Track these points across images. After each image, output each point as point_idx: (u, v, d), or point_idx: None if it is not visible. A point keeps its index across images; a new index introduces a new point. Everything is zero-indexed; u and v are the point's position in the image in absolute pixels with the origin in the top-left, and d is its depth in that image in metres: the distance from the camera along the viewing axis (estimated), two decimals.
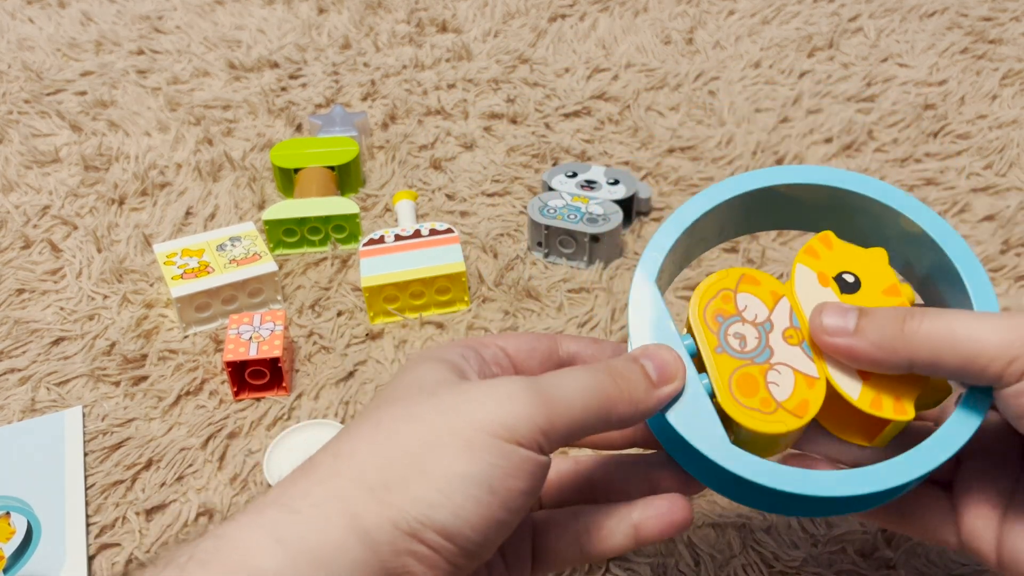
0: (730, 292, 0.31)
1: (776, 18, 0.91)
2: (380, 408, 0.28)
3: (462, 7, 0.95)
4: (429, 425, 0.27)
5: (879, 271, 0.31)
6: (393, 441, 0.27)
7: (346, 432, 0.28)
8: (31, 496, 0.47)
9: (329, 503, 0.26)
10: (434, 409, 0.27)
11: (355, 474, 0.26)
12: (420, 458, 0.26)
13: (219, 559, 0.25)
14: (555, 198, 0.63)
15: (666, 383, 0.29)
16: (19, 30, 0.93)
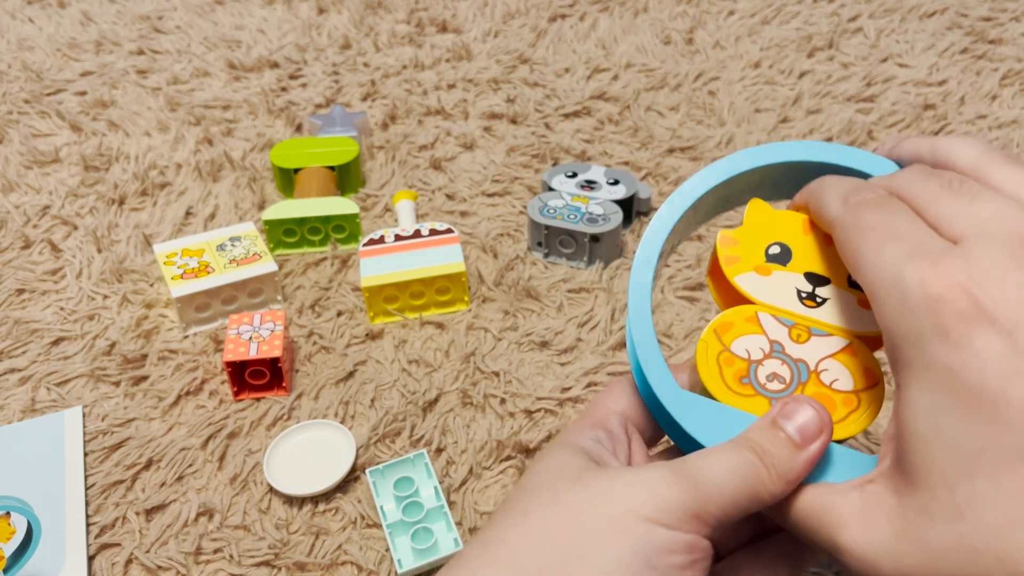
0: (725, 352, 0.30)
1: (776, 18, 0.91)
2: (524, 496, 0.28)
3: (462, 7, 0.95)
4: (579, 511, 0.26)
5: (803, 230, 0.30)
6: (544, 528, 0.26)
7: (491, 523, 0.28)
8: (31, 496, 0.47)
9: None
10: (583, 496, 0.26)
11: (508, 564, 0.26)
12: (575, 543, 0.25)
13: None
14: (555, 198, 0.63)
15: (811, 442, 0.26)
16: (19, 30, 0.93)
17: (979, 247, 0.23)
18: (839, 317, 0.30)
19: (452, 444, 0.50)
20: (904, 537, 0.23)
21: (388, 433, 0.50)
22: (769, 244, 0.31)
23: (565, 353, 0.55)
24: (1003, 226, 0.23)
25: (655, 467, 0.27)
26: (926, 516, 0.22)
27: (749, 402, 0.29)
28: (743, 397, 0.29)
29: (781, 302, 0.30)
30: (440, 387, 0.53)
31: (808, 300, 0.30)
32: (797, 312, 0.30)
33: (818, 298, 0.30)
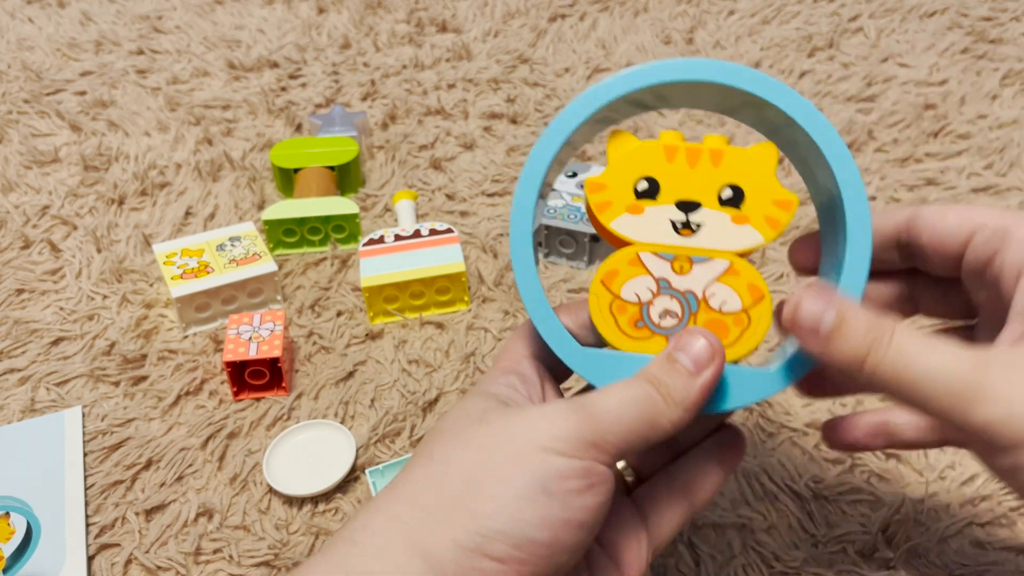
0: (616, 300, 0.31)
1: (776, 18, 0.91)
2: (431, 442, 0.29)
3: (462, 7, 0.95)
4: (479, 447, 0.27)
5: (763, 175, 0.30)
6: (446, 466, 0.27)
7: (402, 469, 0.29)
8: (31, 496, 0.47)
9: (389, 530, 0.26)
10: (484, 433, 0.28)
11: (411, 501, 0.27)
12: (474, 477, 0.27)
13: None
14: (555, 198, 0.63)
15: (704, 368, 0.28)
16: (19, 30, 0.93)
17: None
18: (716, 239, 0.30)
19: None
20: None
21: (388, 433, 0.50)
22: (636, 180, 0.30)
23: None
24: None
25: (556, 403, 0.28)
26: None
27: (648, 344, 0.30)
28: (641, 340, 0.30)
29: (658, 237, 0.30)
30: (440, 387, 0.53)
31: (684, 229, 0.30)
32: (675, 244, 0.30)
33: (693, 225, 0.30)
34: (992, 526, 0.44)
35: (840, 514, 0.45)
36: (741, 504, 0.45)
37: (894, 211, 0.32)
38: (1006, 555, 0.43)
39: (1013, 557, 0.42)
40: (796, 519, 0.45)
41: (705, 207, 0.30)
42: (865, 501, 0.45)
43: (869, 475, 0.47)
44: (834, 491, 0.46)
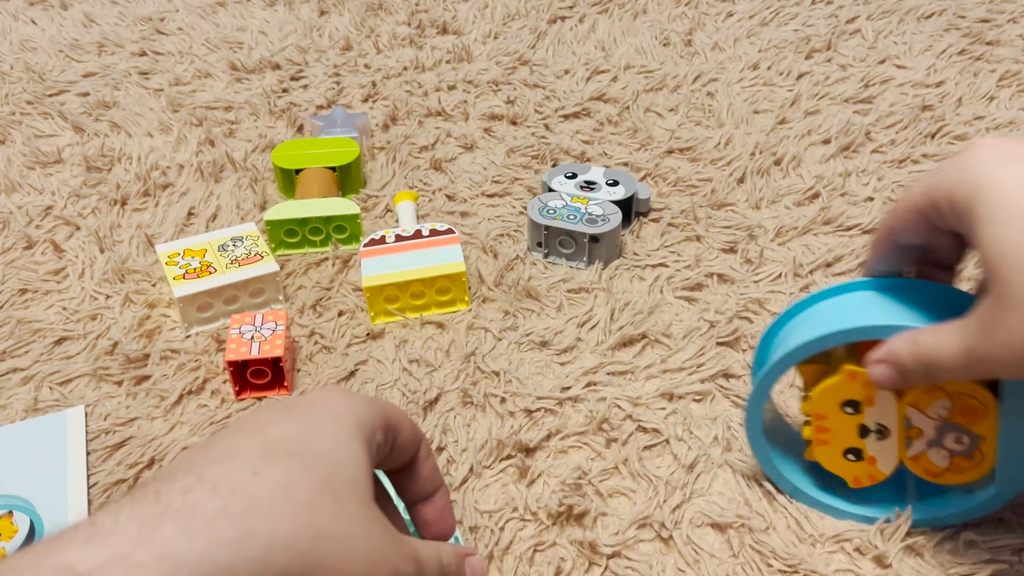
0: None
1: (774, 20, 0.91)
2: (320, 491, 0.29)
3: (462, 9, 0.95)
4: (349, 567, 0.29)
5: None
6: (321, 558, 0.28)
7: (282, 495, 0.28)
8: (34, 495, 0.47)
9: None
10: (360, 549, 0.29)
11: (280, 570, 0.27)
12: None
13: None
14: (555, 199, 0.63)
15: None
16: (21, 31, 0.94)
17: None
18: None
19: (452, 443, 0.50)
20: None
21: None
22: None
23: (565, 353, 0.55)
24: None
25: (403, 559, 0.31)
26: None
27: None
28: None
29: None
30: (440, 386, 0.53)
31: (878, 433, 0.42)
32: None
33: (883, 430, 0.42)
34: (987, 525, 0.44)
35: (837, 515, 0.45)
36: (740, 504, 0.46)
37: (876, 237, 0.40)
38: (1001, 554, 0.43)
39: (1007, 556, 0.43)
40: (794, 519, 0.45)
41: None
42: None
43: None
44: None
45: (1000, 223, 0.32)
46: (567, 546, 0.44)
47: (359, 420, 0.32)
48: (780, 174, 0.70)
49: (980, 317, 0.33)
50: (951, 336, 0.35)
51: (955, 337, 0.34)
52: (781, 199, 0.67)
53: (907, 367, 0.37)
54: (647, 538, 0.45)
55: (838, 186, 0.68)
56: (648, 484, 0.47)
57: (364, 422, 0.32)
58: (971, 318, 0.34)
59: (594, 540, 0.44)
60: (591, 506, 0.45)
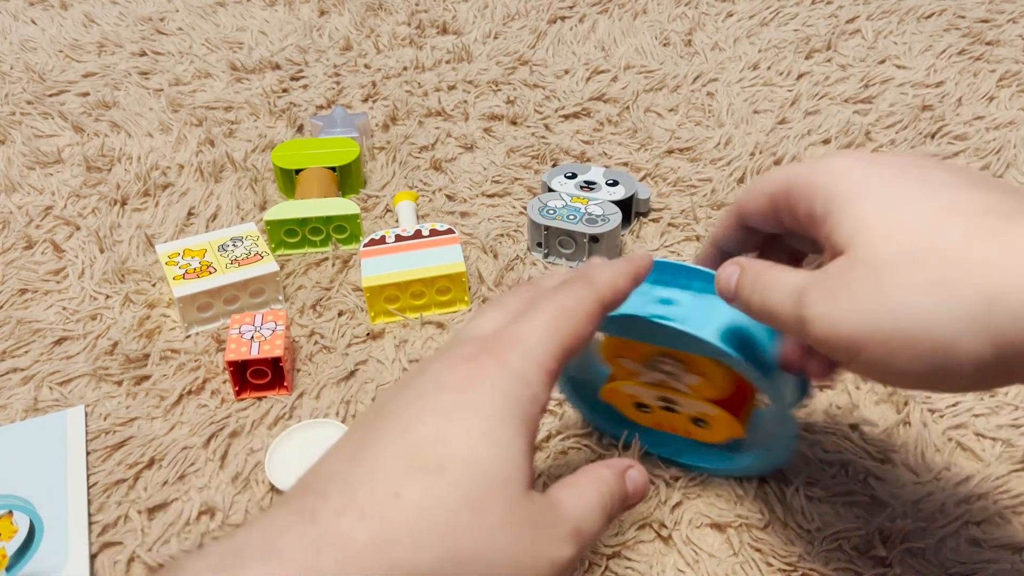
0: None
1: (774, 20, 0.91)
2: (460, 509, 0.29)
3: (462, 9, 0.95)
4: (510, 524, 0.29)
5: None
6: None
7: (423, 520, 0.28)
8: (33, 495, 0.47)
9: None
10: (504, 561, 0.29)
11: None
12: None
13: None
14: (555, 199, 0.63)
15: (639, 500, 0.36)
16: (21, 31, 0.94)
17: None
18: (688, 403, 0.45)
19: None
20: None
21: None
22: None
23: None
24: None
25: (559, 545, 0.30)
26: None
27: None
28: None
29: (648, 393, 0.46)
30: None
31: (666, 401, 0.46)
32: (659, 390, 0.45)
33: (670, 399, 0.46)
34: (987, 524, 0.44)
35: (836, 514, 0.45)
36: (740, 504, 0.46)
37: (726, 209, 0.39)
38: (1002, 553, 0.43)
39: (1008, 555, 0.43)
40: (793, 518, 0.45)
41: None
42: (861, 502, 0.46)
43: (865, 475, 0.47)
44: (830, 492, 0.46)
45: (863, 195, 0.32)
46: None
47: (515, 399, 0.30)
48: None
49: (826, 278, 0.32)
50: (792, 275, 0.33)
51: (795, 277, 0.33)
52: None
53: (745, 285, 0.35)
54: (647, 538, 0.45)
55: None
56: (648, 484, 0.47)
57: (521, 398, 0.31)
58: (817, 271, 0.32)
59: None
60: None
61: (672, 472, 0.47)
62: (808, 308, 0.31)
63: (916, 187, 0.31)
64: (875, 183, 0.32)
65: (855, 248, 0.31)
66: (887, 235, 0.30)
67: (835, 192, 0.32)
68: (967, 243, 0.29)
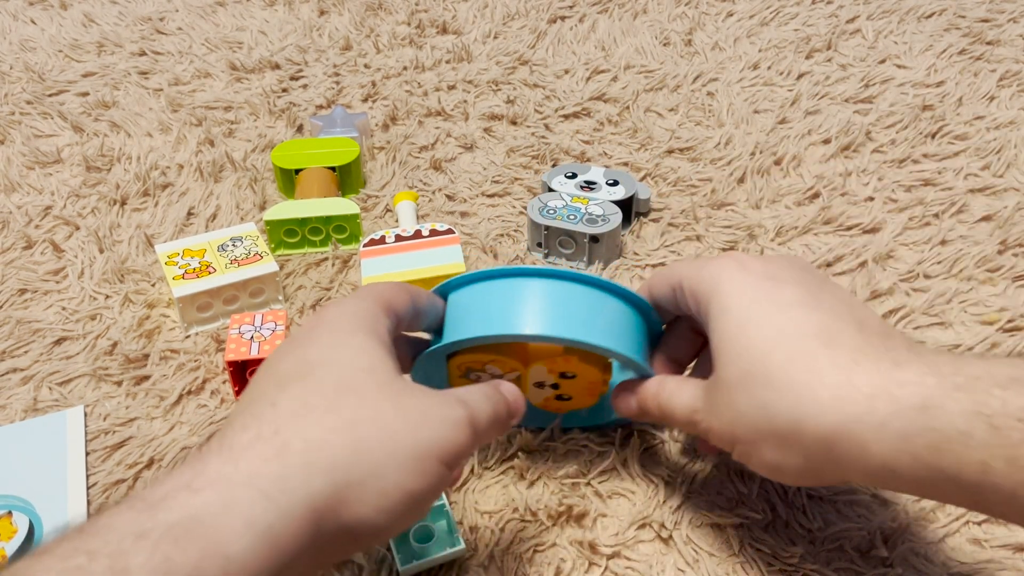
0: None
1: (774, 20, 0.91)
2: (337, 393, 0.32)
3: (462, 9, 0.95)
4: (392, 437, 0.31)
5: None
6: (360, 443, 0.31)
7: (304, 411, 0.31)
8: (33, 495, 0.47)
9: (299, 494, 0.29)
10: (397, 419, 0.32)
11: (326, 468, 0.30)
12: (382, 470, 0.31)
13: (194, 540, 0.26)
14: (555, 199, 0.63)
15: (520, 411, 0.40)
16: (21, 31, 0.94)
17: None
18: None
19: None
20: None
21: None
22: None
23: None
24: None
25: (453, 406, 0.34)
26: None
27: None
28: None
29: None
30: None
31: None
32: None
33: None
34: (989, 524, 0.44)
35: (837, 514, 0.45)
36: (740, 504, 0.46)
37: (667, 273, 0.42)
38: (1003, 553, 0.43)
39: (1010, 555, 0.43)
40: (794, 518, 0.45)
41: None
42: (862, 502, 0.46)
43: None
44: (831, 491, 0.46)
45: (726, 315, 0.36)
46: (567, 546, 0.44)
47: (356, 316, 0.35)
48: (780, 174, 0.70)
49: (708, 389, 0.38)
50: (686, 394, 0.40)
51: (688, 396, 0.39)
52: (781, 199, 0.67)
53: (649, 407, 0.42)
54: (647, 538, 0.45)
55: (838, 186, 0.68)
56: (648, 484, 0.47)
57: (361, 316, 0.35)
58: (702, 386, 0.39)
59: (594, 540, 0.44)
60: (591, 507, 0.45)
61: (672, 472, 0.47)
62: (698, 421, 0.39)
63: (763, 307, 0.36)
64: (736, 301, 0.37)
65: (719, 367, 0.37)
66: (735, 358, 0.35)
67: (710, 305, 0.38)
68: (786, 369, 0.34)
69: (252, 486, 0.28)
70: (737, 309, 0.36)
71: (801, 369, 0.33)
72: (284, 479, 0.29)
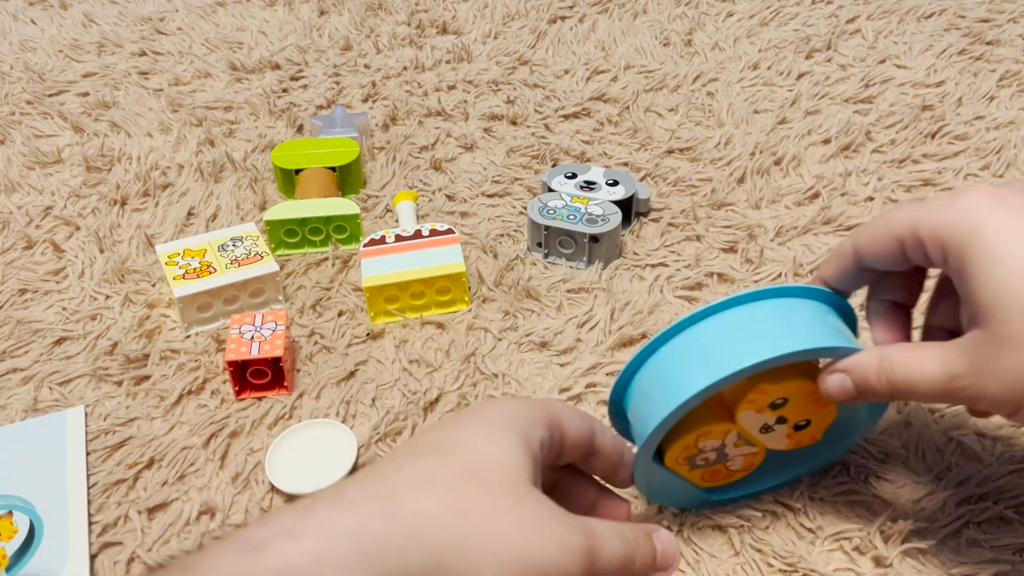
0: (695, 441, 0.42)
1: (774, 20, 0.91)
2: (463, 476, 0.31)
3: (462, 9, 0.95)
4: (500, 537, 0.29)
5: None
6: (469, 531, 0.29)
7: (425, 483, 0.30)
8: (33, 495, 0.47)
9: (394, 561, 0.28)
10: (514, 524, 0.30)
11: (428, 546, 0.29)
12: (481, 566, 0.29)
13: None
14: (555, 199, 0.63)
15: (667, 568, 0.35)
16: (21, 31, 0.94)
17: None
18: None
19: None
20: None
21: (389, 432, 0.51)
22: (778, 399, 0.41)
23: (564, 353, 0.55)
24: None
25: (569, 529, 0.31)
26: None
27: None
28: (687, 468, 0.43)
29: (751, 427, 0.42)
30: (441, 387, 0.53)
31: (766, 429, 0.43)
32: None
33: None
34: (988, 524, 0.44)
35: (837, 514, 0.45)
36: (740, 504, 0.46)
37: (839, 250, 0.39)
38: (1002, 553, 0.43)
39: (1010, 555, 0.43)
40: (795, 518, 0.45)
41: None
42: (862, 502, 0.46)
43: (866, 475, 0.47)
44: (831, 492, 0.46)
45: (998, 263, 0.33)
46: None
47: (513, 416, 0.33)
48: (780, 174, 0.70)
49: (970, 349, 0.34)
50: (932, 360, 0.35)
51: (936, 362, 0.35)
52: (781, 199, 0.67)
53: (871, 383, 0.37)
54: None
55: (838, 186, 0.68)
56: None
57: (519, 418, 0.33)
58: (958, 348, 0.35)
59: None
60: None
61: None
62: (962, 388, 0.34)
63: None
64: (1010, 245, 0.33)
65: (994, 324, 0.33)
66: (1021, 314, 0.32)
67: (969, 253, 0.33)
68: None
69: (352, 540, 0.28)
70: (1012, 256, 0.32)
71: None
72: (385, 540, 0.28)
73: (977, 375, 0.34)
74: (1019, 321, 0.32)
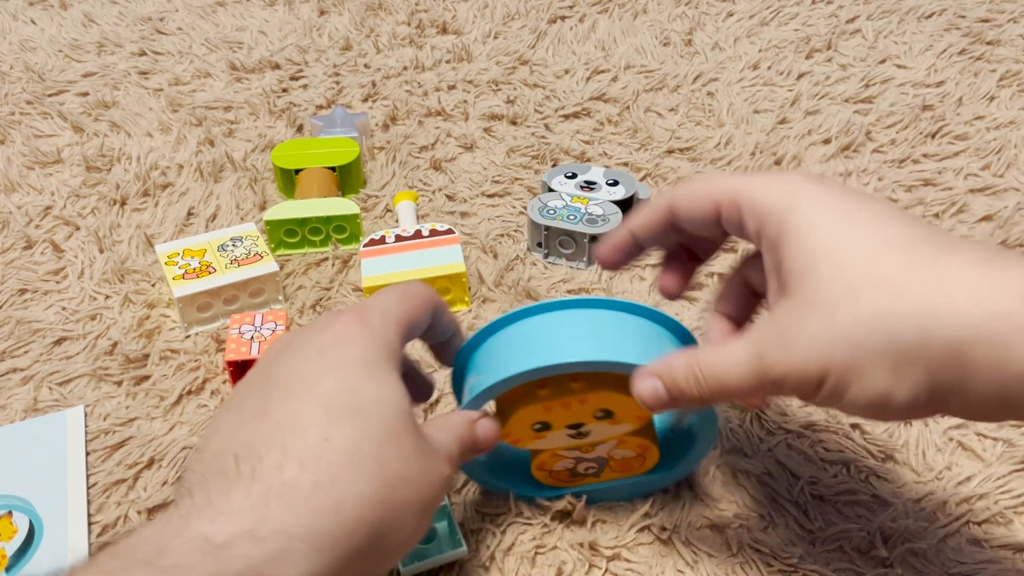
0: (554, 471, 0.45)
1: (774, 20, 0.91)
2: (386, 442, 0.33)
3: (462, 9, 0.95)
4: (415, 498, 0.33)
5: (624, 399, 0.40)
6: (397, 501, 0.32)
7: (357, 460, 0.32)
8: (33, 495, 0.47)
9: (342, 549, 0.31)
10: (423, 480, 0.34)
11: (368, 527, 0.31)
12: (405, 527, 0.33)
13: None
14: (555, 199, 0.63)
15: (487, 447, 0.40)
16: (21, 31, 0.94)
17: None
18: (602, 434, 0.43)
19: None
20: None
21: None
22: (531, 425, 0.41)
23: None
24: None
25: (440, 464, 0.35)
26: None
27: (572, 483, 0.46)
28: (569, 482, 0.46)
29: (564, 443, 0.43)
30: (441, 387, 0.53)
31: (578, 437, 0.43)
32: (577, 443, 0.43)
33: (583, 433, 0.42)
34: (989, 524, 0.44)
35: (837, 514, 0.45)
36: (739, 505, 0.46)
37: (654, 203, 0.39)
38: (1003, 553, 0.43)
39: (1010, 555, 0.43)
40: (794, 518, 0.45)
41: (587, 424, 0.42)
42: (862, 502, 0.46)
43: (867, 475, 0.47)
44: (831, 491, 0.46)
45: (815, 229, 0.32)
46: (568, 548, 0.44)
47: (386, 346, 0.35)
48: None
49: (777, 319, 0.33)
50: (737, 346, 0.33)
51: (741, 347, 0.33)
52: None
53: (680, 384, 0.35)
54: (646, 540, 0.45)
55: None
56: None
57: (390, 344, 0.35)
58: (764, 323, 0.33)
59: (594, 542, 0.44)
60: (591, 509, 0.45)
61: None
62: (771, 366, 0.32)
63: (862, 218, 0.32)
64: (826, 215, 0.32)
65: (806, 289, 0.32)
66: (837, 272, 0.31)
67: (787, 221, 0.33)
68: (906, 272, 0.30)
69: (308, 541, 0.29)
70: (827, 222, 0.32)
71: (926, 271, 0.30)
72: (333, 534, 0.30)
73: (785, 347, 0.32)
74: (830, 281, 0.31)
